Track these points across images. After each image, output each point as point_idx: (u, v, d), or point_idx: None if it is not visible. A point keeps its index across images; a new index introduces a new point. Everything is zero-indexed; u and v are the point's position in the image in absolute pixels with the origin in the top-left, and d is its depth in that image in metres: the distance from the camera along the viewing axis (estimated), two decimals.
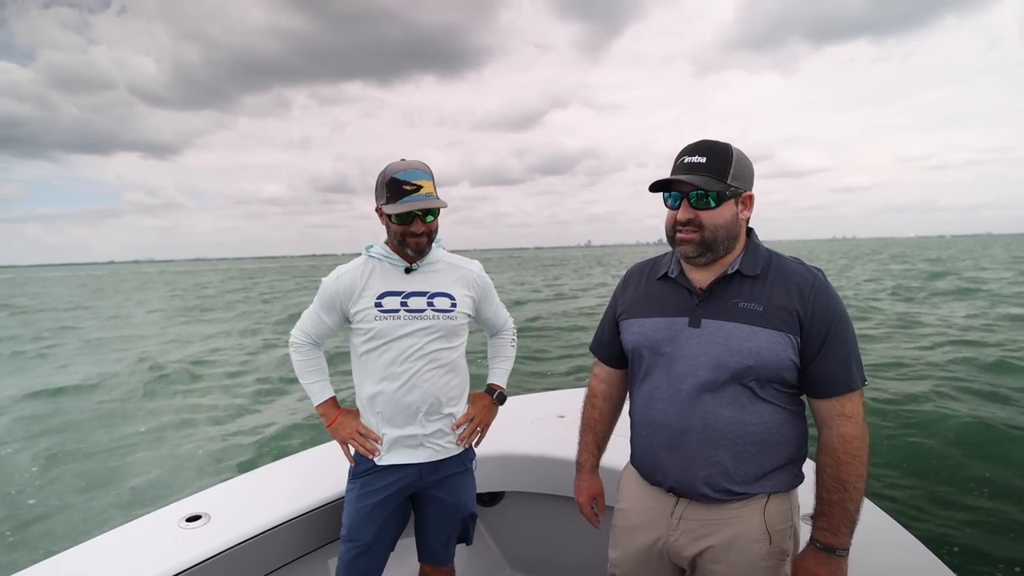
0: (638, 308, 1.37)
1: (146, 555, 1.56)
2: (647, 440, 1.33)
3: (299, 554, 1.83)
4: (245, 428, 6.70)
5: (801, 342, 1.18)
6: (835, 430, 1.17)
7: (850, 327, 1.20)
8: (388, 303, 1.65)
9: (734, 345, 1.19)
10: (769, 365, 1.17)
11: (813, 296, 1.18)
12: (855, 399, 1.18)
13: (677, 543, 1.29)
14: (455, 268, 1.77)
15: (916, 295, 17.34)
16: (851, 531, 1.16)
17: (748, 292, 1.22)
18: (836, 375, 1.17)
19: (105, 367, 10.67)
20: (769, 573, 1.24)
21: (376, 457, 1.70)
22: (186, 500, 1.88)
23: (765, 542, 1.23)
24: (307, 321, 1.76)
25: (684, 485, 1.26)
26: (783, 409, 1.22)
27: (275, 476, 2.09)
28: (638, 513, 1.37)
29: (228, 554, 1.62)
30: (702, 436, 1.22)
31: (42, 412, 7.72)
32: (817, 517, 1.19)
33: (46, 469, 5.64)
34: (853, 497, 1.15)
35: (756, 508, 1.23)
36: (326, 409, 1.76)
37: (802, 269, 1.24)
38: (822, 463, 1.19)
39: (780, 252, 1.29)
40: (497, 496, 2.44)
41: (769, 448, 1.22)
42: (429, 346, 1.67)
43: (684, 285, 1.30)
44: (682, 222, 1.22)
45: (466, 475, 1.81)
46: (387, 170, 1.61)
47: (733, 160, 1.21)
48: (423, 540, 1.83)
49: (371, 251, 1.72)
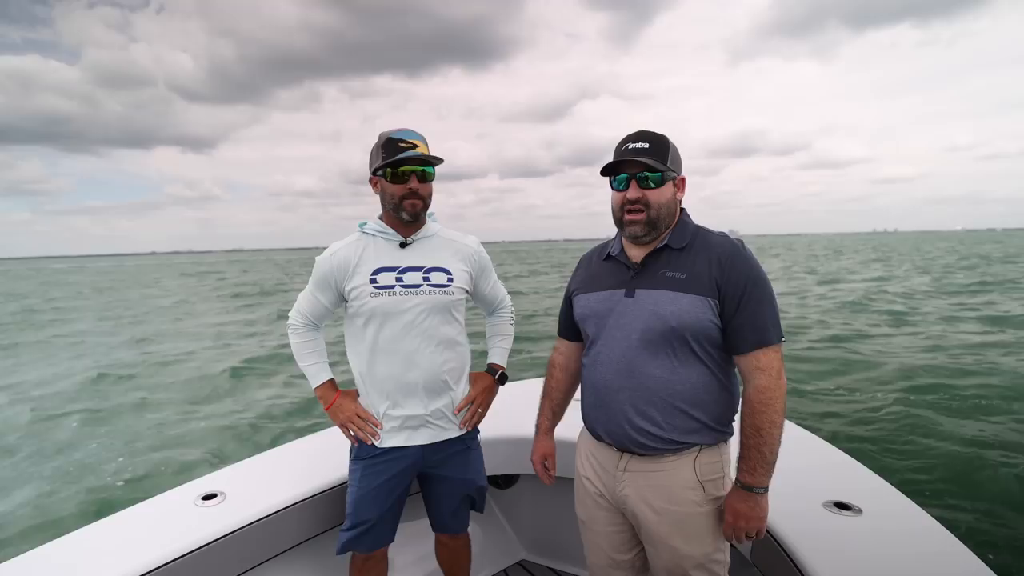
0: (585, 285, 1.53)
1: (164, 532, 1.60)
2: (591, 398, 1.48)
3: (313, 533, 1.85)
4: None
5: (720, 304, 1.32)
6: (752, 382, 1.32)
7: (766, 289, 1.33)
8: (383, 279, 1.62)
9: (660, 310, 1.34)
10: (691, 326, 1.32)
11: (729, 263, 1.33)
12: (770, 354, 1.31)
13: (623, 493, 1.43)
14: (451, 242, 1.74)
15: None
16: (767, 472, 1.30)
17: (675, 263, 1.38)
18: (751, 332, 1.30)
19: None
20: (706, 519, 1.38)
21: (377, 440, 1.67)
22: (202, 479, 1.92)
23: (699, 490, 1.37)
24: (303, 302, 1.73)
25: (621, 437, 1.40)
26: (711, 371, 1.36)
27: (290, 456, 2.11)
28: (590, 468, 1.53)
29: (243, 532, 1.65)
30: (635, 394, 1.37)
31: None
32: (739, 461, 1.33)
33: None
34: (767, 442, 1.28)
35: (688, 460, 1.37)
36: (324, 392, 1.72)
37: (723, 240, 1.39)
38: (742, 413, 1.34)
39: (708, 228, 1.44)
40: (512, 479, 2.46)
41: (697, 405, 1.35)
42: (427, 322, 1.63)
43: (623, 261, 1.46)
44: (631, 200, 1.37)
45: (469, 452, 1.79)
46: (382, 134, 1.61)
47: (670, 147, 1.39)
48: (434, 514, 1.84)
49: (364, 227, 1.69)
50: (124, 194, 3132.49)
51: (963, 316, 12.70)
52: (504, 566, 2.45)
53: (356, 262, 1.64)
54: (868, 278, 24.11)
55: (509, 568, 2.45)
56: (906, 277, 24.25)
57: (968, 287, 18.96)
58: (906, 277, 24.25)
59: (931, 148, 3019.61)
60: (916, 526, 1.55)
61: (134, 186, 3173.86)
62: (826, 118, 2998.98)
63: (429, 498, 1.82)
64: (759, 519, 1.32)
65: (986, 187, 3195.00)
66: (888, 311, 13.84)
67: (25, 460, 5.83)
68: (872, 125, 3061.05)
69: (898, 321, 12.34)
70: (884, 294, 17.63)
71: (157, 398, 8.18)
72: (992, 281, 20.34)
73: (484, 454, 1.88)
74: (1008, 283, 19.41)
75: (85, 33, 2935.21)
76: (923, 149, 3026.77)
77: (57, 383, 9.30)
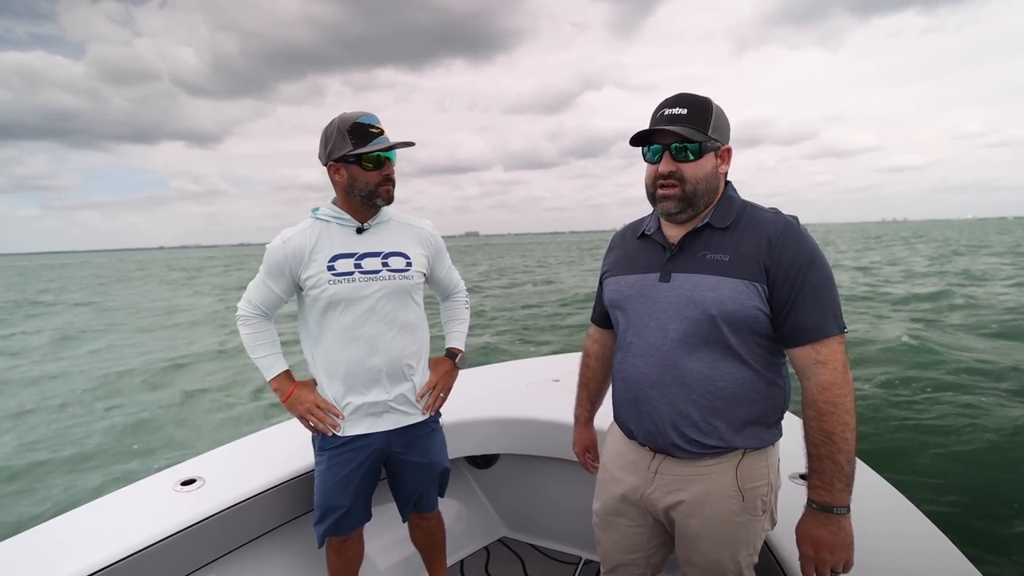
0: (618, 267, 1.39)
1: (142, 517, 1.59)
2: (622, 394, 1.34)
3: (292, 516, 1.86)
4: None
5: (769, 290, 1.16)
6: (813, 379, 1.14)
7: (825, 272, 1.16)
8: (341, 266, 1.58)
9: (698, 296, 1.19)
10: (735, 314, 1.16)
11: (781, 243, 1.16)
12: (832, 345, 1.14)
13: (653, 495, 1.31)
14: (407, 226, 1.72)
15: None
16: (847, 487, 1.12)
17: (717, 243, 1.22)
18: (809, 321, 1.13)
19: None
20: (742, 529, 1.24)
21: (338, 431, 1.65)
22: (181, 464, 1.92)
23: (738, 499, 1.22)
24: (254, 291, 1.66)
25: (655, 438, 1.27)
26: (757, 365, 1.20)
27: (270, 441, 2.12)
28: (618, 466, 1.39)
29: (222, 516, 1.65)
30: (671, 391, 1.22)
31: None
32: (810, 476, 1.15)
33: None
34: (842, 448, 1.10)
35: (729, 465, 1.23)
36: (280, 383, 1.67)
37: (775, 217, 1.22)
38: (806, 416, 1.16)
39: (758, 204, 1.28)
40: (492, 458, 2.48)
41: (740, 404, 1.20)
42: (387, 308, 1.61)
43: (659, 241, 1.31)
44: (663, 175, 1.21)
45: (434, 435, 1.79)
46: (342, 119, 1.54)
47: (713, 113, 1.20)
48: (401, 499, 1.83)
49: (318, 213, 1.63)
50: (131, 189, 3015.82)
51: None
52: (485, 543, 2.49)
53: (312, 249, 1.59)
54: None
55: (490, 545, 2.48)
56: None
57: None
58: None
59: (941, 136, 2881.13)
60: (883, 500, 1.57)
61: (141, 181, 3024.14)
62: (833, 107, 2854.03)
63: (396, 484, 1.81)
64: (846, 547, 1.12)
65: (996, 175, 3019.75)
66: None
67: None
68: (880, 113, 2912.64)
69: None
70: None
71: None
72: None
73: (464, 434, 1.90)
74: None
75: (89, 28, 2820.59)
76: (933, 137, 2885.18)
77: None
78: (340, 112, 1.60)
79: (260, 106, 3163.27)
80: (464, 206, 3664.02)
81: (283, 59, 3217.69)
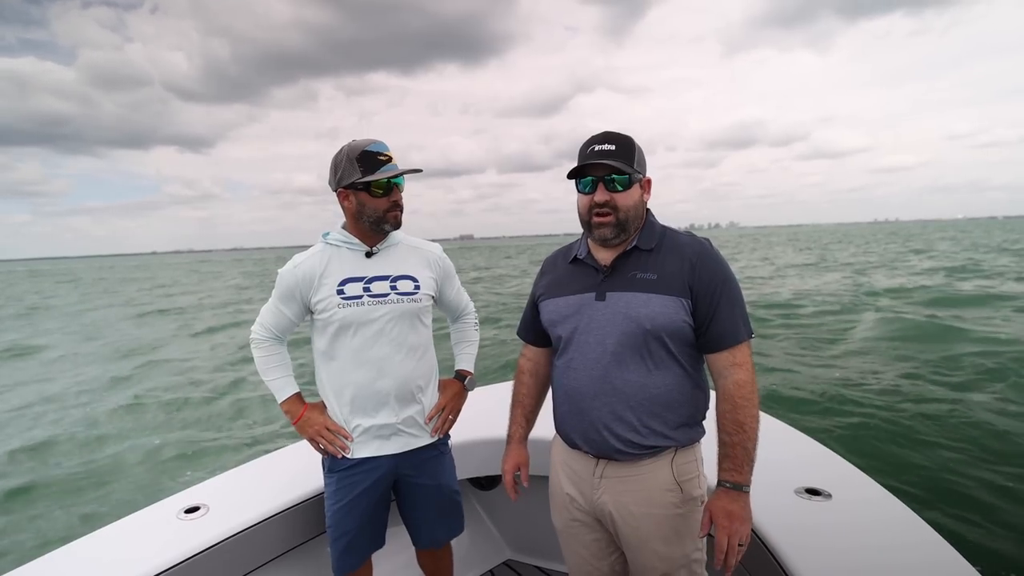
0: (552, 290, 1.49)
1: (146, 547, 1.57)
2: (565, 406, 1.45)
3: (297, 542, 1.84)
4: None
5: (692, 304, 1.32)
6: (730, 378, 1.31)
7: (736, 287, 1.34)
8: (350, 290, 1.60)
9: (632, 312, 1.32)
10: (665, 327, 1.30)
11: (700, 264, 1.33)
12: (744, 350, 1.32)
13: (601, 499, 1.41)
14: (415, 250, 1.74)
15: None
16: (751, 469, 1.28)
17: (645, 264, 1.36)
18: (727, 330, 1.31)
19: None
20: (684, 520, 1.37)
21: (347, 453, 1.65)
22: (185, 492, 1.90)
23: (677, 491, 1.36)
24: (267, 315, 1.69)
25: (599, 445, 1.38)
26: (684, 371, 1.35)
27: (272, 466, 2.10)
28: (566, 477, 1.49)
29: (227, 544, 1.63)
30: (611, 398, 1.34)
31: None
32: (722, 460, 1.30)
33: None
34: (751, 437, 1.28)
35: (665, 462, 1.36)
36: (291, 406, 1.69)
37: (691, 240, 1.38)
38: (721, 410, 1.32)
39: (674, 228, 1.43)
40: (495, 480, 2.47)
41: (672, 407, 1.34)
42: (395, 331, 1.63)
43: (591, 264, 1.43)
44: (599, 203, 1.34)
45: (442, 458, 1.79)
46: (352, 147, 1.57)
47: (636, 149, 1.35)
48: (413, 526, 1.81)
49: (328, 238, 1.67)
50: (123, 194, 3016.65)
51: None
52: (490, 567, 2.46)
53: (321, 273, 1.62)
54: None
55: (495, 568, 2.46)
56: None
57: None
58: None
59: (931, 137, 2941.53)
60: (882, 507, 1.62)
61: (133, 186, 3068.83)
62: (825, 108, 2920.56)
63: (405, 508, 1.80)
64: (750, 520, 1.28)
65: (986, 175, 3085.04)
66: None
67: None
68: (871, 115, 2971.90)
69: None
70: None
71: None
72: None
73: (466, 456, 1.88)
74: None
75: (80, 34, 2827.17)
76: (923, 138, 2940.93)
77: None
78: (335, 115, 1.59)
79: (252, 111, 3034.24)
80: (458, 209, 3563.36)
81: (275, 64, 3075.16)
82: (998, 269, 20.74)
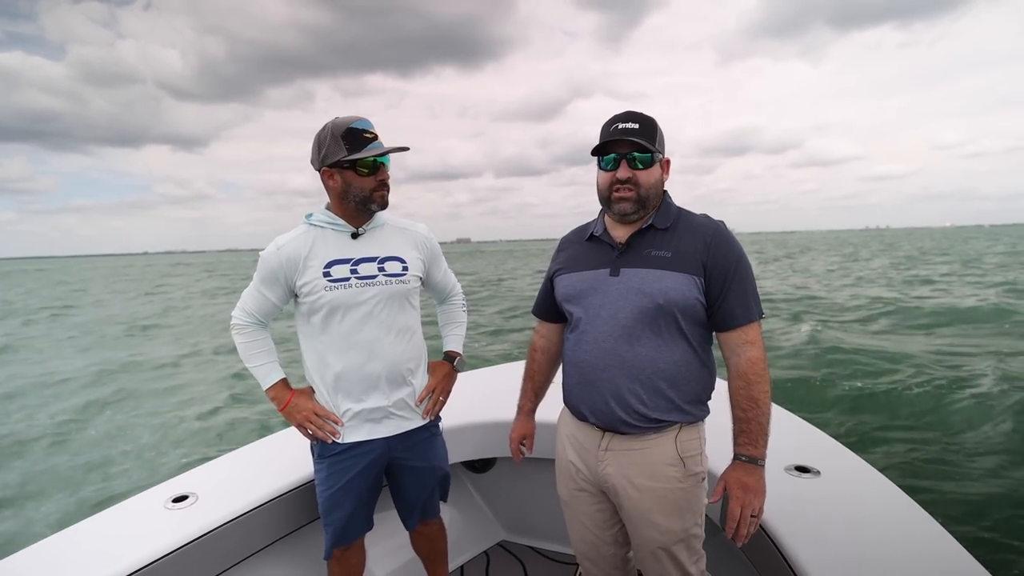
0: (570, 265, 1.52)
1: (134, 537, 1.54)
2: (574, 379, 1.46)
3: (288, 531, 1.83)
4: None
5: (705, 282, 1.34)
6: (743, 356, 1.34)
7: (749, 267, 1.37)
8: (337, 272, 1.56)
9: (646, 288, 1.34)
10: (677, 304, 1.33)
11: (715, 243, 1.35)
12: (755, 329, 1.35)
13: (605, 472, 1.43)
14: (402, 230, 1.71)
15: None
16: (766, 443, 1.32)
17: (660, 242, 1.39)
18: (739, 309, 1.34)
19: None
20: (686, 495, 1.39)
21: (338, 438, 1.62)
22: (172, 480, 1.87)
23: (679, 467, 1.38)
24: (248, 300, 1.63)
25: (606, 416, 1.40)
26: (693, 350, 1.37)
27: (261, 454, 2.08)
28: (572, 449, 1.52)
29: (217, 532, 1.61)
30: (620, 372, 1.37)
31: None
32: (738, 435, 1.34)
33: None
34: (764, 412, 1.31)
35: (669, 437, 1.38)
36: (277, 392, 1.64)
37: (707, 221, 1.41)
38: (735, 387, 1.34)
39: (689, 210, 1.46)
40: (489, 463, 2.48)
41: (679, 384, 1.36)
42: (384, 313, 1.60)
43: (607, 241, 1.46)
44: (622, 180, 1.36)
45: (434, 439, 1.78)
46: (336, 124, 1.52)
47: (657, 129, 1.38)
48: (404, 507, 1.80)
49: (312, 219, 1.61)
50: (114, 193, 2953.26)
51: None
52: (484, 548, 2.48)
53: (306, 255, 1.57)
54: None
55: (489, 550, 2.48)
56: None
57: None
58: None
59: (921, 146, 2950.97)
60: (869, 483, 1.67)
61: (124, 185, 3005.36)
62: (818, 117, 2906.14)
63: (398, 490, 1.79)
64: (764, 492, 1.31)
65: (974, 184, 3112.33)
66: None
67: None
68: (865, 124, 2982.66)
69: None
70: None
71: None
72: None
73: (461, 439, 1.89)
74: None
75: (70, 29, 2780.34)
76: (913, 147, 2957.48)
77: None
78: (331, 116, 1.58)
79: (247, 110, 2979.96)
80: (455, 212, 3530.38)
81: (270, 63, 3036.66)
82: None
